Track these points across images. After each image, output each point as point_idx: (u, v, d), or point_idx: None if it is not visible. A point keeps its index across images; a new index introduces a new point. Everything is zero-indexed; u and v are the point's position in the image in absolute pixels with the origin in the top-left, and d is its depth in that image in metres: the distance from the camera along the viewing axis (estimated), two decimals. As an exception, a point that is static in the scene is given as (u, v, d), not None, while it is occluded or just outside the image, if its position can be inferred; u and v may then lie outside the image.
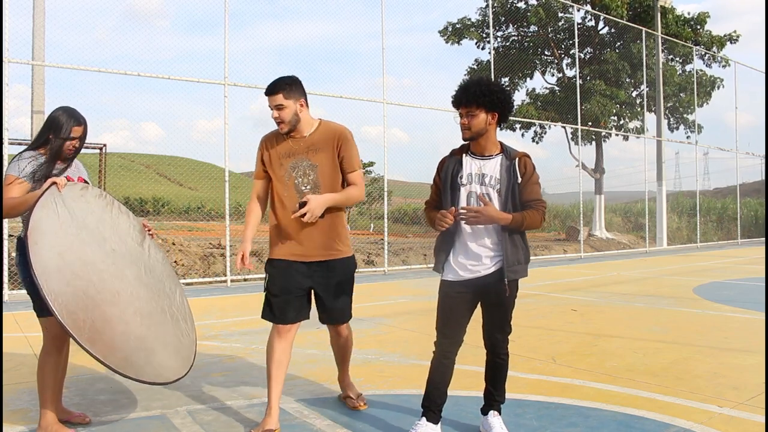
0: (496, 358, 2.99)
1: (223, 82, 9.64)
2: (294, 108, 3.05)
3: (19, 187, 2.87)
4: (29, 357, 4.58)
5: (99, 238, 3.04)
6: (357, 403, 3.41)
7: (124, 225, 3.24)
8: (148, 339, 2.96)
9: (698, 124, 21.35)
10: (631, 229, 24.37)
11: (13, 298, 7.86)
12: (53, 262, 2.72)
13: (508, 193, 2.82)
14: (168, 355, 3.00)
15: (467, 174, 2.88)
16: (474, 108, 2.79)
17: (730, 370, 4.16)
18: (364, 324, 6.03)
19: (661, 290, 8.64)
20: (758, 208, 25.56)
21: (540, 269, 12.32)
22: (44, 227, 2.77)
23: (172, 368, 2.98)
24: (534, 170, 2.88)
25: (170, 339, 3.09)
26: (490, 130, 2.87)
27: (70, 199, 2.96)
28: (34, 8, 8.60)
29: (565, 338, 5.31)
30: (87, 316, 2.71)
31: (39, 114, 8.55)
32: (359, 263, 12.35)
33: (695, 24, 20.77)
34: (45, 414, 2.93)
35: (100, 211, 3.13)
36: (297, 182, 3.09)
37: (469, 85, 2.82)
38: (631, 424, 3.10)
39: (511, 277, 2.82)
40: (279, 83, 3.05)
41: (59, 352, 2.99)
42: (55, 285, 2.67)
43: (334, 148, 3.10)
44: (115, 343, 2.78)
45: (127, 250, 3.17)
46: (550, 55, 21.60)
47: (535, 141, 21.32)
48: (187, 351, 3.14)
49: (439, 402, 2.91)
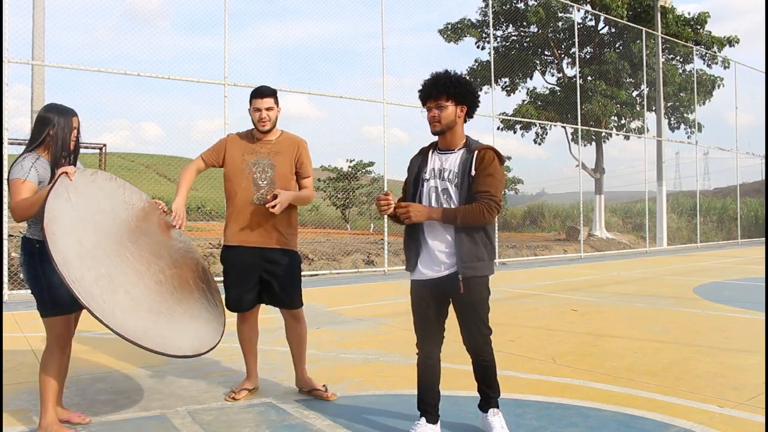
0: (480, 360, 2.92)
1: (223, 82, 9.64)
2: (276, 113, 3.57)
3: (27, 188, 2.87)
4: (29, 357, 4.58)
5: (116, 220, 3.10)
6: (328, 393, 3.57)
7: (138, 205, 3.31)
8: (176, 314, 3.03)
9: (699, 123, 21.36)
10: (631, 229, 24.36)
11: (13, 298, 7.86)
12: (72, 250, 2.74)
13: (463, 186, 2.78)
14: (199, 326, 3.12)
15: (430, 169, 2.90)
16: (444, 100, 2.79)
17: (730, 370, 4.16)
18: (364, 324, 6.03)
19: (661, 290, 8.64)
20: (758, 208, 25.53)
21: (540, 269, 12.32)
22: (59, 217, 2.78)
23: (206, 339, 3.08)
24: (492, 162, 2.77)
25: (199, 311, 3.20)
26: (458, 124, 2.87)
27: (83, 185, 2.99)
28: (34, 8, 8.60)
29: (565, 338, 5.31)
30: (113, 299, 2.75)
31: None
32: (359, 263, 12.35)
33: (695, 24, 20.77)
34: (46, 414, 2.93)
35: (112, 193, 3.18)
36: (255, 177, 3.54)
37: (438, 77, 2.82)
38: (631, 424, 3.09)
39: (468, 273, 2.75)
40: (271, 89, 3.56)
41: (62, 353, 2.99)
42: (77, 272, 2.68)
43: (293, 155, 3.59)
44: (146, 323, 2.83)
45: (145, 229, 3.25)
46: (550, 55, 21.59)
47: (537, 142, 21.32)
48: (217, 320, 3.26)
49: (433, 402, 2.91)
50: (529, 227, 29.51)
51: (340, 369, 4.27)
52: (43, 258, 2.87)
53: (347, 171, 26.28)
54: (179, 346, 2.90)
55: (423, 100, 2.88)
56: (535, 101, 20.79)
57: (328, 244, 14.91)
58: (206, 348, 3.04)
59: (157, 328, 2.88)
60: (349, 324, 6.04)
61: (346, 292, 8.97)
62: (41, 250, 2.87)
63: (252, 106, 3.55)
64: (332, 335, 5.46)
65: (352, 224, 26.31)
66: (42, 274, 2.91)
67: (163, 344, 2.81)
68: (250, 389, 3.65)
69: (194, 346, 2.98)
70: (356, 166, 26.17)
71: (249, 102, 3.58)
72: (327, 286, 9.55)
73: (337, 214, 25.81)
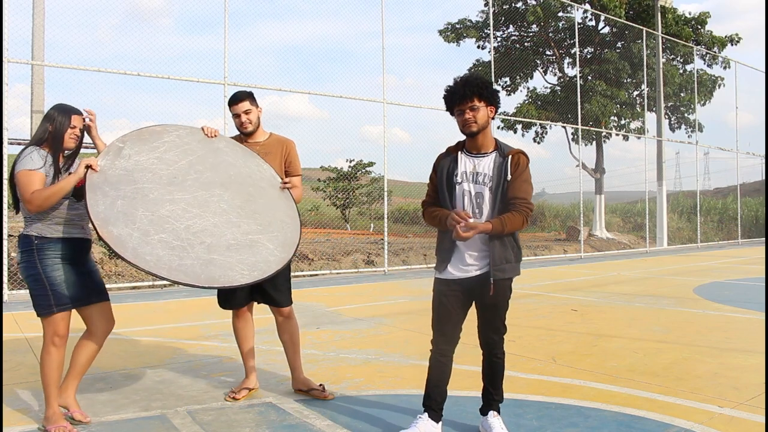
0: (492, 357, 2.99)
1: (222, 82, 9.66)
2: (257, 113, 3.67)
3: (39, 178, 2.92)
4: (29, 357, 4.58)
5: (166, 182, 3.18)
6: (325, 393, 3.58)
7: (192, 145, 3.43)
8: (259, 244, 3.21)
9: (699, 123, 21.35)
10: (631, 229, 24.35)
11: (13, 298, 7.86)
12: (134, 241, 2.85)
13: (498, 190, 2.80)
14: (275, 247, 3.26)
15: (461, 172, 2.89)
16: (477, 101, 2.80)
17: (730, 371, 4.16)
18: (364, 324, 6.02)
19: (661, 290, 8.64)
20: (759, 208, 25.53)
21: (540, 269, 12.31)
22: (104, 214, 2.87)
23: (281, 257, 3.25)
24: (526, 168, 2.85)
25: (277, 233, 3.32)
26: (489, 126, 2.90)
27: (110, 169, 3.07)
28: (34, 8, 8.60)
29: (566, 338, 5.30)
30: (193, 259, 2.93)
31: (39, 114, 8.55)
32: (359, 263, 12.35)
33: (696, 24, 20.76)
34: (49, 407, 3.03)
35: (144, 152, 3.24)
36: None
37: (468, 79, 2.83)
38: (632, 424, 3.09)
39: (498, 276, 2.80)
40: (245, 92, 3.66)
41: (58, 350, 3.01)
42: (153, 257, 2.82)
43: (281, 155, 3.70)
44: (232, 267, 3.02)
45: (208, 167, 3.37)
46: (550, 54, 21.59)
47: (537, 141, 21.33)
48: (292, 236, 3.38)
49: (439, 400, 2.92)
50: (529, 227, 29.47)
51: (340, 369, 4.26)
52: (42, 255, 2.92)
53: (347, 171, 26.24)
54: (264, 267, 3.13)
55: (455, 102, 2.85)
56: (536, 101, 20.79)
57: (328, 244, 14.91)
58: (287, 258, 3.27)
59: (247, 260, 3.10)
60: (349, 324, 6.04)
61: (346, 292, 8.97)
62: (40, 246, 2.92)
63: (232, 113, 3.65)
64: (332, 335, 5.46)
65: (352, 224, 26.28)
66: (42, 270, 2.93)
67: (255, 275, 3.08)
68: (251, 389, 3.65)
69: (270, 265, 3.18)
70: (356, 166, 26.13)
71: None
72: (327, 286, 9.55)
73: (337, 214, 25.77)
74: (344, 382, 3.89)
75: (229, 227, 3.19)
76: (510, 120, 20.12)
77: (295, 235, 3.38)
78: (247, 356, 3.72)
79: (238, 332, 3.72)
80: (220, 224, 3.18)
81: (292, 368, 3.73)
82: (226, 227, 3.18)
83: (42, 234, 2.95)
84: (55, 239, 2.98)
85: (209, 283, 2.92)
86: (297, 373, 3.72)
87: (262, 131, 3.75)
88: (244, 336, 3.72)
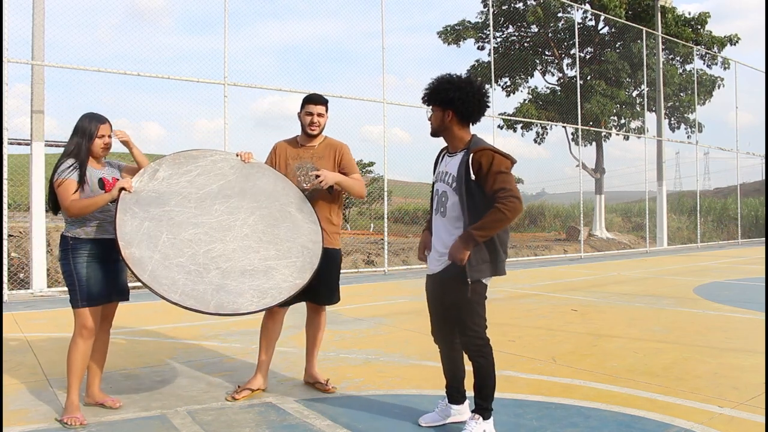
0: (471, 359, 2.88)
1: (222, 81, 9.64)
2: (325, 120, 3.75)
3: (72, 186, 3.16)
4: (29, 357, 4.58)
5: (193, 205, 3.29)
6: (328, 386, 3.68)
7: (224, 170, 3.50)
8: (275, 270, 3.28)
9: (699, 123, 21.35)
10: (631, 229, 24.35)
11: (13, 298, 7.86)
12: (153, 263, 2.99)
13: (462, 190, 2.77)
14: (290, 272, 3.32)
15: (438, 172, 3.00)
16: (432, 105, 2.91)
17: (730, 371, 4.16)
18: (364, 324, 6.02)
19: (661, 290, 8.64)
20: (759, 208, 25.52)
21: (540, 269, 12.31)
22: (129, 236, 3.03)
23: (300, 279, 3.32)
24: (492, 160, 2.71)
25: (295, 259, 3.37)
26: (450, 128, 2.89)
27: (144, 192, 3.22)
28: (34, 8, 8.58)
29: (566, 338, 5.30)
30: (206, 284, 3.02)
31: (39, 114, 8.53)
32: (359, 263, 12.35)
33: (696, 24, 20.76)
34: (69, 396, 3.19)
35: (177, 177, 3.35)
36: (299, 180, 3.68)
37: (428, 84, 2.91)
38: (632, 424, 3.09)
39: (446, 275, 2.87)
40: (323, 97, 3.75)
41: (85, 342, 3.22)
42: (168, 280, 2.94)
43: (334, 158, 3.72)
44: (254, 288, 3.13)
45: (237, 192, 3.44)
46: (550, 54, 21.59)
47: (537, 141, 21.33)
48: (311, 261, 3.39)
49: (455, 385, 3.04)
50: (529, 227, 29.46)
51: (340, 369, 4.26)
52: (76, 254, 3.21)
53: (347, 171, 26.20)
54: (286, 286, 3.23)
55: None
56: (536, 101, 20.79)
57: (328, 244, 14.89)
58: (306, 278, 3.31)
59: (269, 282, 3.21)
60: (349, 324, 6.04)
61: (346, 292, 8.93)
62: (74, 247, 3.20)
63: (304, 110, 3.70)
64: (332, 335, 5.45)
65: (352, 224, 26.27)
66: (74, 268, 3.20)
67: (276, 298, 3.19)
68: (254, 390, 3.61)
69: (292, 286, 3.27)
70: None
71: (301, 107, 3.74)
72: (327, 286, 9.53)
73: (337, 214, 25.75)
74: (344, 382, 3.89)
75: (248, 253, 3.26)
76: (510, 120, 20.11)
77: (314, 261, 3.38)
78: (265, 355, 3.68)
79: (266, 331, 3.69)
80: (239, 249, 3.26)
81: (308, 360, 3.85)
82: (244, 252, 3.25)
83: (77, 236, 3.22)
84: (88, 240, 3.22)
85: (217, 310, 3.00)
86: (309, 366, 3.84)
87: (320, 135, 3.79)
88: (272, 337, 3.70)
